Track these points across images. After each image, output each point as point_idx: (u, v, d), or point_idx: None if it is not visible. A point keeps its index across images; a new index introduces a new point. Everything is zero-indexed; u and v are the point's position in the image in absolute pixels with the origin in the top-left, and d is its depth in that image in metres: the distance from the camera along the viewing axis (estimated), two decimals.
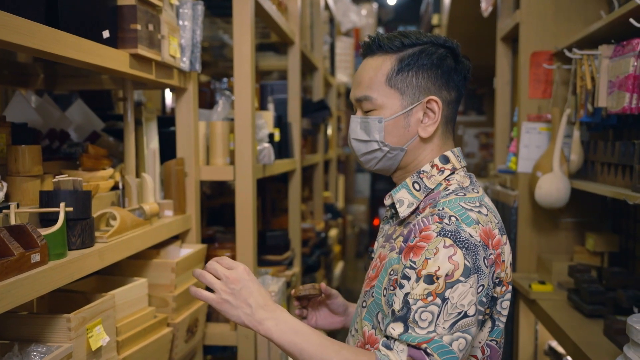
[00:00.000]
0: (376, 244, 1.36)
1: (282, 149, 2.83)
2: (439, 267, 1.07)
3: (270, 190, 3.51)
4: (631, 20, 1.70)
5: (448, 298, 1.06)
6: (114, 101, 2.32)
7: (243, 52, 2.13)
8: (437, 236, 1.09)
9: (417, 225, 1.15)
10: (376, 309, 1.21)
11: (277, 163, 2.57)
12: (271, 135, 2.54)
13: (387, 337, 1.09)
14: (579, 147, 2.26)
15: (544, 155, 2.37)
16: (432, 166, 1.25)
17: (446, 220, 1.11)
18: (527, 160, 2.55)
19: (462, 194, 1.19)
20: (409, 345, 1.06)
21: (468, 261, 1.08)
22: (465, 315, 1.06)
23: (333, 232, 4.75)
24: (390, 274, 1.18)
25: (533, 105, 2.57)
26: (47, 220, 1.30)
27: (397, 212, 1.27)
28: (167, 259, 1.87)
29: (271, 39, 3.45)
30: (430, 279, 1.07)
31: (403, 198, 1.24)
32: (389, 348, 1.07)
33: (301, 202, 3.48)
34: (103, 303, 1.40)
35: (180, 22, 1.85)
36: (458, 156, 1.27)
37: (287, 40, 3.15)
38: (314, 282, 1.50)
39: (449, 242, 1.08)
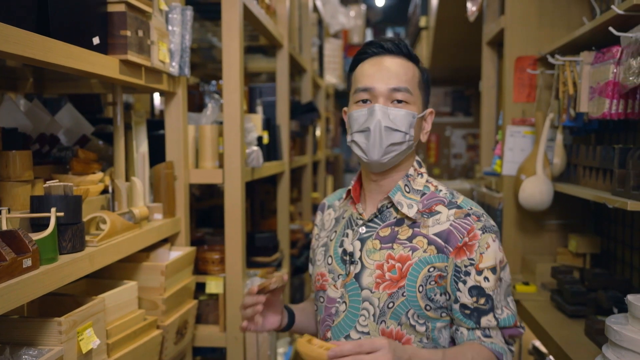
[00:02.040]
0: (351, 245, 1.40)
1: (270, 152, 2.85)
2: (496, 258, 1.31)
3: (259, 192, 3.54)
4: (610, 28, 1.74)
5: (502, 277, 1.33)
6: (103, 105, 2.34)
7: (232, 57, 2.16)
8: (482, 233, 1.31)
9: (457, 227, 1.31)
10: (407, 306, 1.32)
11: (265, 166, 2.60)
12: (260, 138, 2.57)
13: (482, 329, 1.30)
14: (562, 150, 2.30)
15: (527, 159, 2.41)
16: (414, 170, 1.41)
17: (482, 218, 1.33)
18: (511, 163, 2.60)
19: (458, 194, 1.40)
20: (503, 328, 1.31)
21: (501, 245, 1.35)
22: (509, 285, 1.36)
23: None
24: (429, 271, 1.31)
25: (517, 109, 2.62)
26: (38, 225, 1.32)
27: (381, 213, 1.39)
28: (156, 262, 1.89)
29: (260, 42, 3.47)
30: (494, 270, 1.30)
31: (401, 201, 1.37)
32: (489, 336, 1.31)
33: (290, 204, 3.50)
34: (93, 306, 1.42)
35: (170, 28, 1.87)
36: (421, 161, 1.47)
37: (275, 43, 3.18)
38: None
39: (493, 236, 1.32)
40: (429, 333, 1.33)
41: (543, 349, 2.36)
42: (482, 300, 1.29)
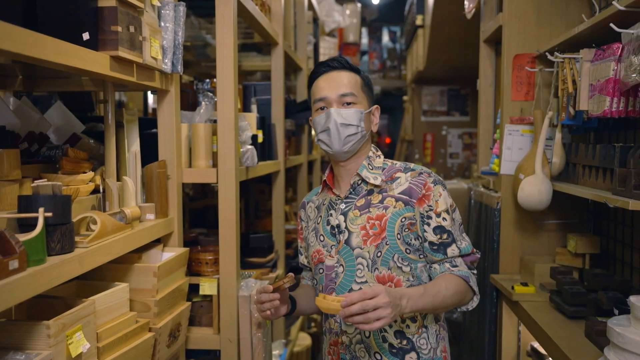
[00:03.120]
0: (336, 219, 1.71)
1: (265, 151, 2.81)
2: (447, 203, 1.66)
3: (254, 192, 3.50)
4: (611, 25, 1.71)
5: (455, 218, 1.68)
6: (95, 103, 2.29)
7: (226, 54, 2.12)
8: (434, 185, 1.66)
9: (415, 184, 1.66)
10: (392, 252, 1.64)
11: (260, 165, 2.56)
12: (254, 137, 2.53)
13: (449, 260, 1.65)
14: (561, 149, 2.28)
15: (526, 158, 2.38)
16: (373, 153, 1.76)
17: (432, 175, 1.69)
18: (509, 162, 2.57)
19: (411, 164, 1.75)
20: (464, 255, 1.66)
21: (449, 194, 1.70)
22: (461, 223, 1.71)
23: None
24: (402, 221, 1.64)
25: (516, 108, 2.59)
26: (26, 225, 1.28)
27: (354, 189, 1.72)
28: (148, 263, 1.85)
29: (254, 39, 3.43)
30: (448, 212, 1.65)
31: (368, 175, 1.71)
32: (455, 266, 1.64)
33: (285, 203, 3.47)
34: (83, 309, 1.38)
35: (162, 24, 1.83)
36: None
37: (270, 41, 3.14)
38: (291, 273, 1.68)
39: (442, 186, 1.67)
40: (413, 272, 1.66)
41: (542, 350, 2.33)
42: (444, 236, 1.64)
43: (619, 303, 1.85)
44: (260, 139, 2.66)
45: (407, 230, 1.65)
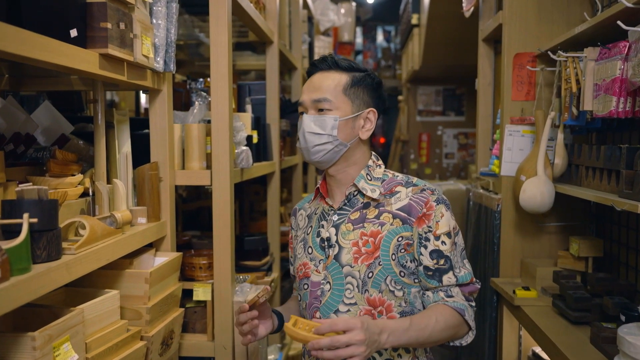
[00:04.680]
0: (327, 232, 1.58)
1: (260, 151, 2.75)
2: (449, 225, 1.52)
3: (248, 193, 3.44)
4: (619, 22, 1.66)
5: (457, 242, 1.54)
6: (84, 103, 2.23)
7: (220, 52, 2.06)
8: (437, 204, 1.52)
9: (416, 201, 1.52)
10: (385, 274, 1.50)
11: (255, 166, 2.50)
12: (249, 138, 2.47)
13: (444, 289, 1.50)
14: (563, 150, 2.23)
15: (527, 159, 2.33)
16: (373, 162, 1.62)
17: (435, 192, 1.55)
18: (510, 163, 2.52)
19: (413, 178, 1.60)
20: (461, 285, 1.51)
21: (453, 215, 1.56)
22: (464, 249, 1.57)
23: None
24: (399, 241, 1.51)
25: (516, 108, 2.54)
26: (10, 232, 1.21)
27: (349, 201, 1.58)
28: (140, 268, 1.79)
29: (249, 38, 3.37)
30: (449, 235, 1.51)
31: (365, 187, 1.57)
32: (451, 296, 1.50)
33: (280, 205, 3.41)
34: (71, 318, 1.32)
35: (154, 21, 1.77)
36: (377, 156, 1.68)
37: (265, 40, 3.08)
38: (265, 286, 1.58)
39: (445, 207, 1.53)
40: (406, 297, 1.52)
41: (544, 355, 2.28)
42: (441, 261, 1.50)
43: (625, 309, 1.80)
44: (255, 140, 2.60)
45: (403, 251, 1.51)
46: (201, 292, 2.10)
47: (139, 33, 1.61)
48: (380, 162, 1.65)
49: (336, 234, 1.57)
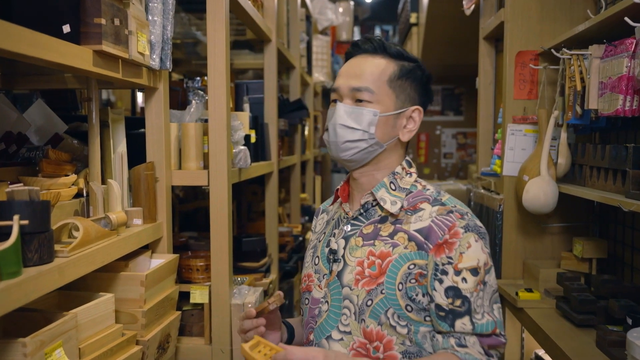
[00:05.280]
0: (336, 243, 1.39)
1: (258, 151, 2.71)
2: (478, 259, 1.25)
3: (246, 193, 3.40)
4: (626, 19, 1.63)
5: (487, 282, 1.26)
6: (79, 101, 2.18)
7: (217, 50, 2.01)
8: (465, 232, 1.26)
9: (438, 224, 1.27)
10: (386, 305, 1.28)
11: (253, 166, 2.46)
12: (247, 137, 2.43)
13: (456, 335, 1.23)
14: (567, 150, 2.19)
15: (530, 158, 2.29)
16: (402, 169, 1.40)
17: (466, 217, 1.28)
18: (512, 163, 2.48)
19: (445, 194, 1.37)
20: (481, 335, 1.24)
21: (487, 248, 1.29)
22: (495, 291, 1.29)
23: (310, 235, 4.64)
24: (410, 269, 1.27)
25: (518, 107, 2.50)
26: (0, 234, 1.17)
27: (366, 211, 1.38)
28: (136, 271, 1.74)
29: (246, 37, 3.33)
30: (475, 271, 1.24)
31: (384, 197, 1.35)
32: (463, 345, 1.23)
33: (278, 205, 3.37)
34: (64, 323, 1.28)
35: (150, 17, 1.73)
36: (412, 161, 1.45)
37: (263, 38, 3.04)
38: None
39: (476, 236, 1.26)
40: (411, 336, 1.28)
41: (547, 358, 2.24)
42: (457, 302, 1.23)
43: (632, 312, 1.77)
44: (253, 139, 2.56)
45: (413, 281, 1.27)
46: (198, 295, 2.06)
47: (134, 29, 1.57)
48: (413, 169, 1.41)
49: (344, 247, 1.37)
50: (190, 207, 3.11)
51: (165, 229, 1.92)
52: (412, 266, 1.27)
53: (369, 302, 1.29)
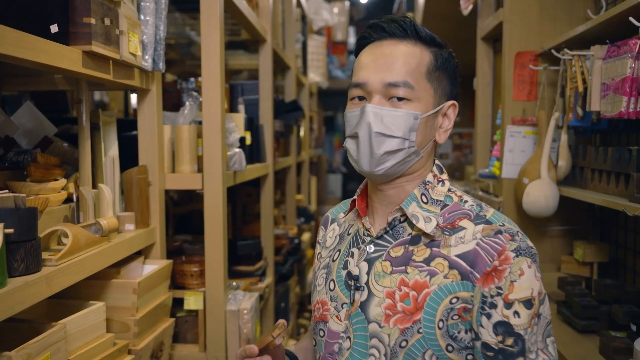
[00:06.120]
0: (356, 267, 1.16)
1: (253, 153, 2.67)
2: (532, 289, 1.04)
3: (241, 195, 3.34)
4: (631, 18, 1.59)
5: (541, 314, 1.06)
6: (69, 103, 2.13)
7: (211, 50, 1.97)
8: (516, 256, 1.05)
9: (485, 248, 1.07)
10: (424, 346, 1.08)
11: (248, 168, 2.41)
12: (242, 139, 2.38)
13: None
14: (567, 152, 2.15)
15: (530, 161, 2.26)
16: (434, 176, 1.18)
17: (517, 238, 1.08)
18: (511, 165, 2.44)
19: (486, 206, 1.16)
20: None
21: (540, 272, 1.08)
22: (549, 322, 1.09)
23: (306, 237, 4.60)
24: (452, 303, 1.07)
25: (517, 108, 2.46)
26: None
27: (392, 228, 1.16)
28: (128, 277, 1.69)
29: (241, 37, 3.28)
30: (529, 303, 1.04)
31: (416, 213, 1.13)
32: None
33: (274, 207, 3.32)
34: (52, 335, 1.23)
35: (142, 17, 1.68)
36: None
37: (258, 38, 2.99)
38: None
39: (529, 260, 1.06)
40: None
41: None
42: (509, 341, 1.03)
43: (636, 318, 1.73)
44: (248, 141, 2.52)
45: (456, 317, 1.07)
46: (192, 301, 2.02)
47: (125, 29, 1.52)
48: (445, 175, 1.19)
49: (368, 273, 1.15)
50: (185, 210, 3.06)
51: (158, 234, 1.87)
52: (454, 300, 1.06)
53: (404, 343, 1.09)
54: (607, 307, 1.89)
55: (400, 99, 1.10)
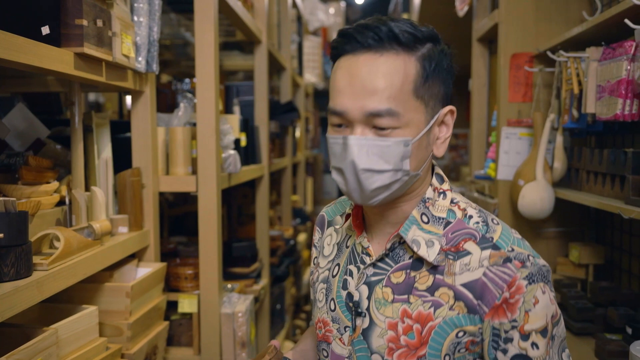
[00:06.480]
0: (356, 291, 1.08)
1: (249, 155, 2.66)
2: (546, 315, 0.97)
3: (236, 196, 3.33)
4: (626, 21, 1.59)
5: (555, 334, 0.99)
6: (63, 104, 2.12)
7: (206, 52, 1.96)
8: (529, 284, 0.96)
9: (493, 279, 0.97)
10: None
11: (243, 170, 2.40)
12: (237, 141, 2.37)
13: None
14: (563, 154, 2.15)
15: (525, 163, 2.25)
16: (434, 190, 1.07)
17: (528, 263, 0.97)
18: (507, 167, 2.44)
19: (494, 220, 1.05)
20: None
21: (553, 291, 1.01)
22: (564, 339, 1.03)
23: (302, 237, 4.59)
24: (458, 337, 0.99)
25: (513, 109, 2.46)
26: None
27: (392, 250, 1.06)
28: (121, 281, 1.68)
29: (236, 38, 3.27)
30: (545, 331, 0.97)
31: (417, 238, 1.03)
32: None
33: (269, 208, 3.31)
34: (43, 340, 1.22)
35: (135, 18, 1.67)
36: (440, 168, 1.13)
37: (253, 39, 2.98)
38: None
39: (541, 285, 0.97)
40: None
41: None
42: None
43: (632, 321, 1.73)
44: (243, 143, 2.50)
45: (463, 350, 1.00)
46: (187, 304, 2.00)
47: (118, 31, 1.51)
48: (446, 184, 1.08)
49: (368, 298, 1.07)
50: (180, 212, 3.04)
51: (152, 237, 1.86)
52: (461, 334, 0.99)
53: None
54: (602, 309, 1.89)
55: (385, 128, 0.97)
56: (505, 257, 0.98)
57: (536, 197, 2.11)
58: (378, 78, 0.96)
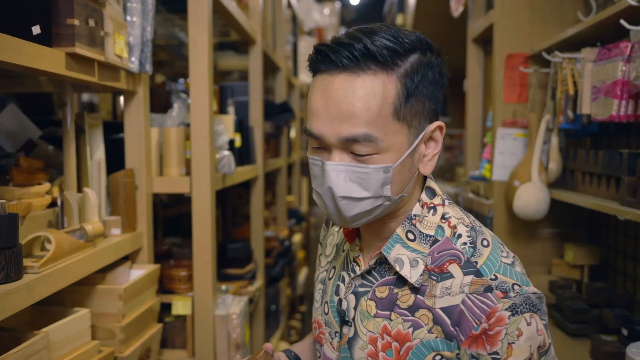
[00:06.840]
0: (345, 299, 1.07)
1: (243, 155, 2.64)
2: (530, 346, 0.91)
3: (231, 197, 3.32)
4: (622, 21, 1.58)
5: None
6: (55, 105, 2.10)
7: (200, 51, 1.94)
8: (511, 316, 0.90)
9: (471, 308, 0.93)
10: None
11: (238, 171, 2.39)
12: (232, 142, 2.36)
13: None
14: (558, 155, 2.15)
15: (521, 163, 2.25)
16: (422, 205, 1.02)
17: (512, 294, 0.91)
18: (502, 167, 2.43)
19: (484, 242, 0.99)
20: None
21: (545, 319, 0.95)
22: (554, 358, 0.98)
23: (297, 238, 4.58)
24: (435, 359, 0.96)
25: (508, 110, 2.46)
26: None
27: (381, 265, 1.04)
28: (114, 283, 1.67)
29: (231, 38, 3.26)
30: None
31: (400, 256, 0.99)
32: None
33: (264, 208, 3.30)
34: (34, 344, 1.20)
35: (128, 18, 1.65)
36: (433, 180, 1.07)
37: (248, 39, 2.97)
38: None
39: (527, 316, 0.91)
40: None
41: None
42: None
43: (626, 321, 1.72)
44: (237, 144, 2.49)
45: None
46: (180, 306, 1.99)
47: (110, 31, 1.50)
48: (438, 198, 1.04)
49: (355, 308, 1.06)
50: (174, 213, 3.03)
51: (145, 239, 1.84)
52: (438, 357, 0.96)
53: None
54: (598, 310, 1.89)
55: (362, 155, 0.93)
56: (487, 285, 0.93)
57: (531, 198, 2.10)
58: (354, 102, 0.91)
